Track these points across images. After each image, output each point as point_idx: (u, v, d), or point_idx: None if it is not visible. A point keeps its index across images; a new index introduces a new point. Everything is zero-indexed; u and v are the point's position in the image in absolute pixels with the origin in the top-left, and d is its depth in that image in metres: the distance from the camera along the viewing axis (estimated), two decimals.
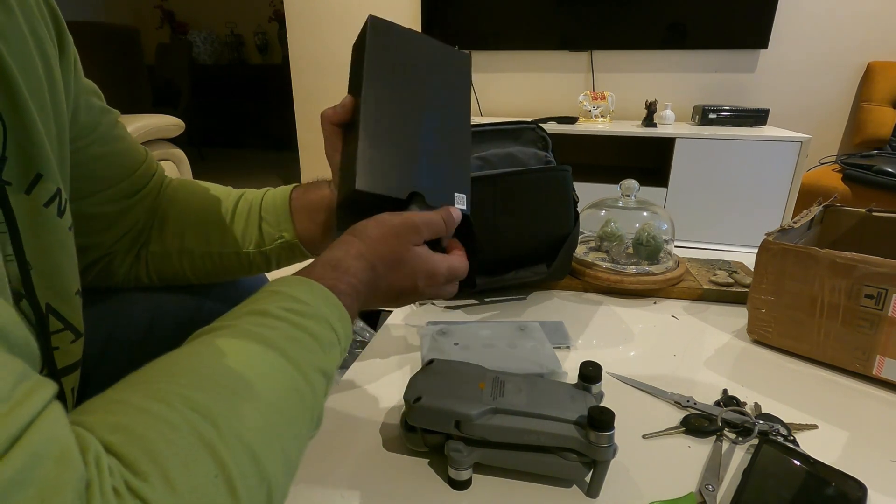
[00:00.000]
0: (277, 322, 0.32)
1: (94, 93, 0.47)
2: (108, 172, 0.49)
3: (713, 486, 0.43)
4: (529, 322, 0.68)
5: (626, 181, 0.86)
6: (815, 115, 2.30)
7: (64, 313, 0.38)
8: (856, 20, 2.15)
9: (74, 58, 0.42)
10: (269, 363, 0.30)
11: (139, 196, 0.52)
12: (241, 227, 0.55)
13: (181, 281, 0.56)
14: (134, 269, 0.54)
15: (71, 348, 0.39)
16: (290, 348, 0.31)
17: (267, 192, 0.57)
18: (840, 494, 0.41)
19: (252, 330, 0.31)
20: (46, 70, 0.36)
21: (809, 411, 0.54)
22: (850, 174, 1.77)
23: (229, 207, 0.55)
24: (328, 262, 0.39)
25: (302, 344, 0.32)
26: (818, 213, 0.75)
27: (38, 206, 0.34)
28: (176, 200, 0.55)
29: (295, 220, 0.55)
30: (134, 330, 0.54)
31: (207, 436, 0.24)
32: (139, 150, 0.53)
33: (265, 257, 0.56)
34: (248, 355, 0.30)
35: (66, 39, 0.40)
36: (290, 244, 0.55)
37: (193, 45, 4.90)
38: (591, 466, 0.42)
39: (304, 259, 0.57)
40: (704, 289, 0.78)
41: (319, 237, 0.55)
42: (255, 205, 0.55)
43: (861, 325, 0.57)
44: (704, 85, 2.38)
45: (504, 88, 2.62)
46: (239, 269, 0.56)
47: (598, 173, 2.20)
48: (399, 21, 0.52)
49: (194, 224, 0.54)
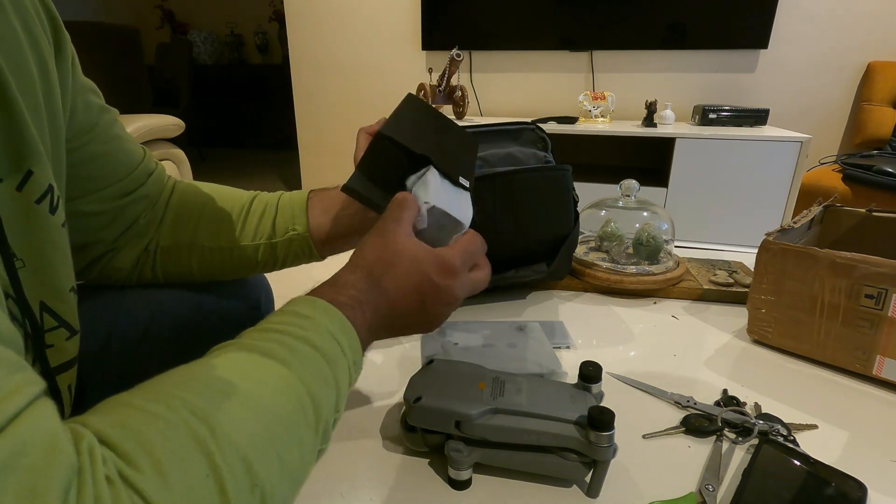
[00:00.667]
0: (278, 335, 0.32)
1: (92, 91, 0.47)
2: (105, 171, 0.49)
3: (713, 486, 0.43)
4: (529, 322, 0.68)
5: (626, 181, 0.86)
6: (815, 115, 2.30)
7: (58, 311, 0.38)
8: (856, 20, 2.15)
9: (72, 57, 0.42)
10: (267, 370, 0.30)
11: (137, 194, 0.52)
12: (254, 222, 0.56)
13: (186, 278, 0.57)
14: (140, 265, 0.55)
15: (66, 346, 0.39)
16: (289, 357, 0.31)
17: (283, 193, 0.59)
18: (840, 494, 0.41)
19: (253, 343, 0.32)
20: (41, 68, 0.36)
21: (809, 411, 0.54)
22: (850, 174, 1.77)
23: (244, 204, 0.57)
24: (327, 282, 0.40)
25: (301, 354, 0.32)
26: (818, 213, 0.75)
27: (30, 202, 0.34)
28: (187, 198, 0.56)
29: (310, 214, 0.56)
30: (133, 328, 0.54)
31: (201, 436, 0.24)
32: (137, 149, 0.53)
33: (273, 251, 0.57)
34: (246, 364, 0.30)
35: (62, 38, 0.40)
36: (300, 237, 0.56)
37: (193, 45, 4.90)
38: (591, 466, 0.42)
39: (313, 259, 0.59)
40: (704, 289, 0.78)
41: (330, 232, 0.57)
42: (271, 202, 0.58)
43: (861, 325, 0.57)
44: (704, 85, 2.39)
45: (504, 88, 2.62)
46: (247, 265, 0.57)
47: (598, 173, 2.20)
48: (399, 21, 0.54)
49: (207, 220, 0.56)
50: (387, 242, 0.42)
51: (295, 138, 3.02)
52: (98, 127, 0.47)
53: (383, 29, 2.65)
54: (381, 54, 2.71)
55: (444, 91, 2.28)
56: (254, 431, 0.26)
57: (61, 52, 0.40)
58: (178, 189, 0.57)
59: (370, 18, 2.66)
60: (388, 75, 2.74)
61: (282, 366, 0.30)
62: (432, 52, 2.61)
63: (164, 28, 5.16)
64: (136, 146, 0.53)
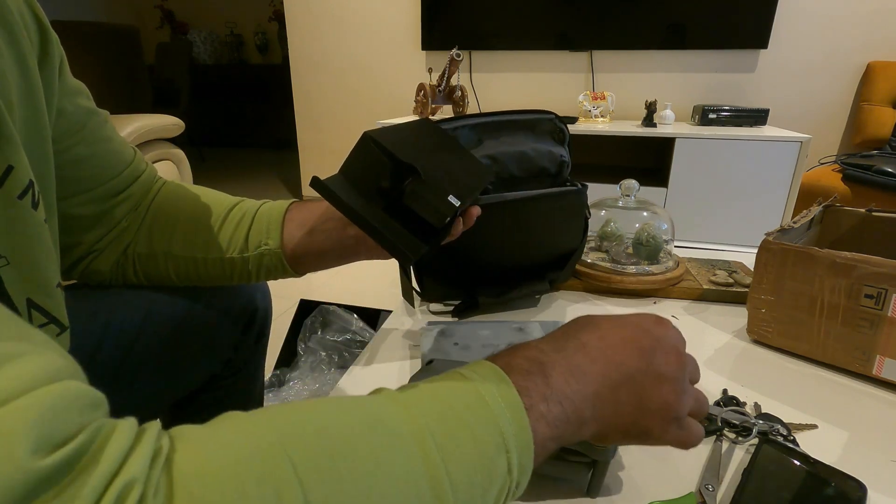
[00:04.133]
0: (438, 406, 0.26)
1: (81, 94, 0.47)
2: (92, 173, 0.48)
3: (713, 486, 0.43)
4: (529, 322, 0.68)
5: (626, 181, 0.86)
6: (815, 115, 2.30)
7: (46, 307, 0.38)
8: (856, 20, 2.15)
9: (61, 59, 0.42)
10: (403, 456, 0.24)
11: (122, 196, 0.52)
12: (229, 233, 0.54)
13: (166, 282, 0.56)
14: (121, 268, 0.54)
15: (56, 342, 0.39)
16: (437, 452, 0.24)
17: (265, 203, 0.56)
18: (840, 494, 0.41)
19: (415, 419, 0.25)
20: (20, 67, 0.36)
21: (809, 411, 0.54)
22: (850, 174, 1.77)
23: (221, 213, 0.55)
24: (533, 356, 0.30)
25: (457, 457, 0.24)
26: (818, 213, 0.75)
27: (11, 198, 0.33)
28: (166, 204, 0.55)
29: (284, 228, 0.54)
30: (128, 326, 0.54)
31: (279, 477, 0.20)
32: (126, 151, 0.53)
33: (245, 265, 0.54)
34: (387, 438, 0.24)
35: (49, 40, 0.40)
36: (271, 252, 0.54)
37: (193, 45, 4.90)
38: (591, 466, 0.42)
39: (287, 274, 0.56)
40: (704, 289, 0.78)
41: (304, 249, 0.54)
42: (248, 212, 0.55)
43: (861, 325, 0.57)
44: (704, 85, 2.38)
45: (504, 88, 2.62)
46: (221, 276, 0.55)
47: (598, 173, 2.20)
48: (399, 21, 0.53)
49: (182, 229, 0.54)
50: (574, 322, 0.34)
51: (295, 138, 3.02)
52: (86, 129, 0.46)
53: (383, 29, 2.65)
54: (380, 54, 2.71)
55: (444, 91, 2.28)
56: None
57: (48, 53, 0.40)
58: (161, 193, 0.56)
59: (370, 18, 2.66)
60: (388, 75, 2.74)
61: (422, 454, 0.24)
62: (432, 52, 2.61)
63: (164, 28, 5.16)
64: (126, 148, 0.53)
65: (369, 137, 0.44)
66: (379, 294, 0.94)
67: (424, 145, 0.51)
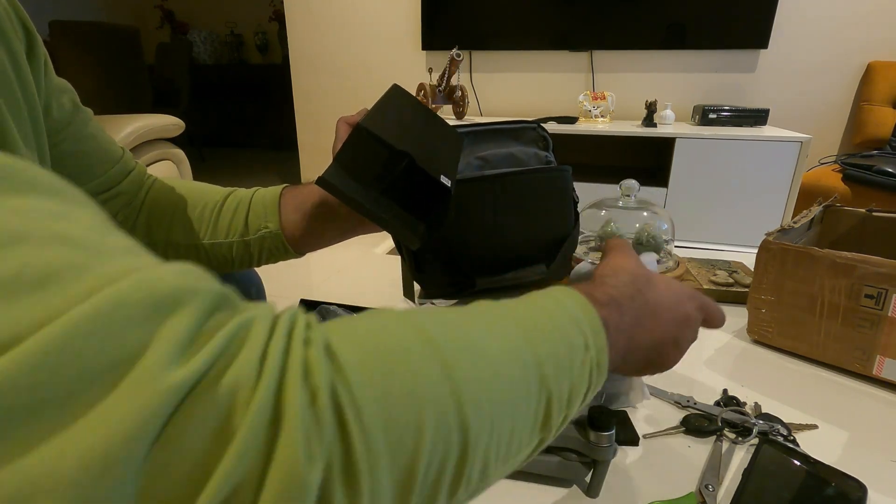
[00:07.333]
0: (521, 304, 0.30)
1: (65, 91, 0.47)
2: (79, 170, 0.49)
3: (713, 486, 0.43)
4: None
5: (626, 181, 0.86)
6: (815, 116, 2.30)
7: None
8: (856, 20, 2.15)
9: (45, 58, 0.43)
10: (504, 327, 0.27)
11: (113, 192, 0.52)
12: (227, 219, 0.56)
13: None
14: None
15: None
16: (528, 327, 0.28)
17: (258, 189, 0.58)
18: (840, 494, 0.41)
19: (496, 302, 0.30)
20: (13, 62, 0.36)
21: (809, 411, 0.54)
22: (850, 174, 1.77)
23: (217, 201, 0.56)
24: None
25: (541, 329, 0.28)
26: (818, 213, 0.75)
27: None
28: (161, 197, 0.56)
29: (282, 212, 0.56)
30: None
31: (422, 354, 0.22)
32: (114, 149, 0.53)
33: (247, 248, 0.56)
34: (487, 312, 0.28)
35: (34, 40, 0.41)
36: (273, 234, 0.55)
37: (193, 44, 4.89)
38: (591, 466, 0.42)
39: (288, 255, 0.58)
40: (704, 289, 0.78)
41: (304, 230, 0.56)
42: (244, 199, 0.57)
43: (861, 325, 0.57)
44: (704, 85, 2.39)
45: (504, 88, 2.62)
46: (223, 262, 0.57)
47: (598, 173, 2.20)
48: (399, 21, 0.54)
49: (181, 218, 0.55)
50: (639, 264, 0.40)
51: (295, 138, 3.02)
52: (72, 126, 0.47)
53: (383, 29, 2.65)
54: (381, 54, 2.71)
55: (444, 91, 2.28)
56: (479, 377, 0.23)
57: (34, 53, 0.41)
58: (153, 188, 0.57)
59: (370, 18, 2.66)
60: (388, 75, 2.74)
61: (518, 328, 0.27)
62: (432, 52, 2.61)
63: (164, 28, 5.16)
64: (113, 146, 0.54)
65: (364, 129, 0.46)
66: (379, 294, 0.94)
67: (408, 124, 0.53)
